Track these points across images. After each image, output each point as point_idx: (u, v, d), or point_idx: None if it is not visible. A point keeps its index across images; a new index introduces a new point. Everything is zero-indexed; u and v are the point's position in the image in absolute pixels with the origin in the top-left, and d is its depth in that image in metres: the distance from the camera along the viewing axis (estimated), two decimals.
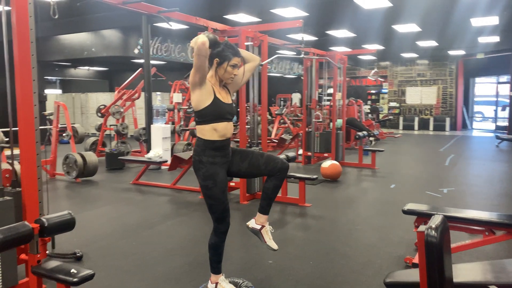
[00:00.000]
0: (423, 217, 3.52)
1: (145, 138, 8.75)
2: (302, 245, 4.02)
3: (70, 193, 6.37)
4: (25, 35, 2.94)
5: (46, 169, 7.42)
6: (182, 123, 9.60)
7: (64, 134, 7.56)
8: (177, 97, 9.64)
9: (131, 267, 3.47)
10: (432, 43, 14.45)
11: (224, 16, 9.21)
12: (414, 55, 17.85)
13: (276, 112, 12.82)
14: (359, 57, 18.91)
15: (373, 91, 21.54)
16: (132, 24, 9.49)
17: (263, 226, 2.85)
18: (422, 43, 14.43)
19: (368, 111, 16.53)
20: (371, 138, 11.58)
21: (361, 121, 13.24)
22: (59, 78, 17.26)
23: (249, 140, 6.07)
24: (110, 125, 8.98)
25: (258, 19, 9.55)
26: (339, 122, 9.95)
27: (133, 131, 9.55)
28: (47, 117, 13.12)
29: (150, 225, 4.62)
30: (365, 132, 9.13)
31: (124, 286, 3.11)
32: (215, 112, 2.59)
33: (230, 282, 2.87)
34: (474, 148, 12.56)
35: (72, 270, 2.37)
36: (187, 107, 9.66)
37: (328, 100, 9.86)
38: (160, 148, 8.04)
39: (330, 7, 9.39)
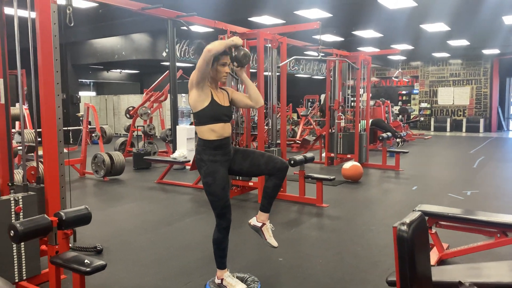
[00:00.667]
0: (434, 218, 3.51)
1: (170, 139, 9.00)
2: (314, 244, 4.07)
3: (97, 191, 6.65)
4: (48, 41, 3.14)
5: (77, 168, 7.79)
6: None
7: (93, 135, 7.89)
8: None
9: (147, 261, 3.63)
10: (464, 42, 14.07)
11: (248, 19, 9.35)
12: (446, 54, 17.41)
13: (301, 113, 12.85)
14: (388, 57, 18.62)
15: (404, 92, 21.17)
16: (160, 27, 9.77)
17: (263, 224, 2.95)
18: (453, 42, 14.08)
19: (397, 112, 16.26)
20: (397, 140, 11.41)
21: (389, 122, 13.08)
22: (93, 80, 17.93)
23: (269, 141, 6.16)
24: (137, 126, 9.28)
25: (282, 21, 9.62)
26: (364, 123, 9.91)
27: (160, 132, 9.82)
28: (81, 118, 13.66)
29: (169, 222, 4.79)
30: (389, 134, 9.02)
31: (139, 279, 3.26)
32: (212, 114, 2.71)
33: (236, 277, 2.97)
34: (507, 150, 12.14)
35: (86, 261, 2.54)
36: None
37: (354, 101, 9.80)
38: (184, 149, 8.26)
39: (354, 8, 9.35)
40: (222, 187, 2.76)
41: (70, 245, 3.78)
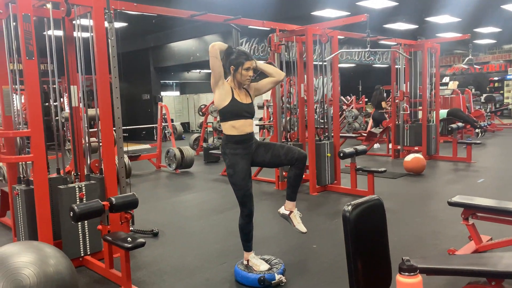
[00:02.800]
0: (470, 209, 3.44)
1: None
2: None
3: (168, 182, 7.32)
4: (103, 52, 3.65)
5: (153, 161, 8.60)
6: (271, 119, 10.11)
7: (165, 132, 8.63)
8: (266, 94, 10.20)
9: (193, 244, 4.05)
10: None
11: (311, 13, 9.46)
12: None
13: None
14: (476, 42, 17.31)
15: (496, 78, 19.54)
16: (229, 28, 10.27)
17: (291, 212, 3.18)
18: None
19: (484, 100, 15.11)
20: (477, 130, 10.70)
21: (470, 111, 12.28)
22: (176, 81, 19.20)
23: (324, 134, 6.26)
24: (207, 123, 9.90)
25: (346, 13, 9.57)
26: (443, 113, 9.49)
27: None
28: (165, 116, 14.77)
29: (222, 210, 5.20)
30: (460, 124, 8.55)
31: (182, 258, 3.68)
32: (233, 111, 2.99)
33: (260, 259, 3.24)
34: None
35: (128, 239, 2.99)
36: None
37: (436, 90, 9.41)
38: None
39: None
40: (242, 178, 3.03)
41: (131, 228, 4.35)
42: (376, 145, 10.00)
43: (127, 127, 14.62)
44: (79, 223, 3.48)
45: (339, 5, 9.02)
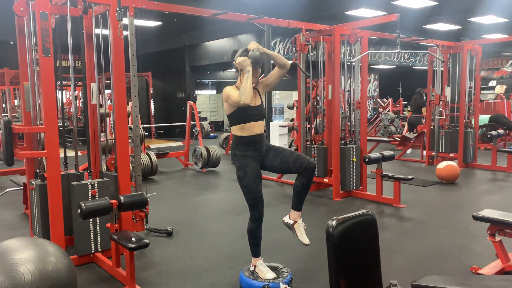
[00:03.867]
0: (497, 225, 3.19)
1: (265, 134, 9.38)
2: None
3: (192, 181, 7.34)
4: (120, 51, 3.66)
5: (181, 159, 8.66)
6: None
7: (193, 130, 8.66)
8: (295, 95, 10.04)
9: (205, 245, 4.00)
10: None
11: (345, 13, 9.21)
12: None
13: (409, 109, 12.12)
14: None
15: None
16: (263, 27, 10.19)
17: (295, 222, 3.06)
18: None
19: None
20: None
21: None
22: (211, 80, 19.32)
23: (351, 138, 6.06)
24: None
25: (383, 12, 9.25)
26: (484, 118, 8.99)
27: None
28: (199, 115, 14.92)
29: (240, 211, 5.11)
30: (501, 131, 8.05)
31: (191, 260, 3.64)
32: (241, 116, 2.89)
33: (268, 266, 3.13)
34: None
35: (133, 239, 2.97)
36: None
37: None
38: (277, 144, 8.55)
39: None
40: (252, 180, 2.94)
41: (146, 226, 4.36)
42: (408, 150, 9.62)
43: (162, 125, 14.95)
44: (91, 220, 3.50)
45: (374, 5, 8.73)
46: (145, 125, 14.35)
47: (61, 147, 3.39)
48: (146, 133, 8.34)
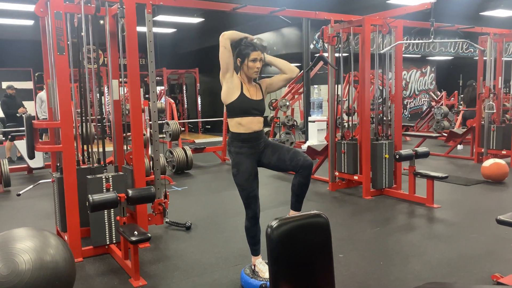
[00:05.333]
0: None
1: (303, 130, 9.21)
2: (389, 244, 3.78)
3: (226, 176, 7.37)
4: (134, 49, 3.73)
5: (218, 154, 8.74)
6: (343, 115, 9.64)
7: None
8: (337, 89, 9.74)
9: (219, 240, 3.99)
10: None
11: (387, 1, 8.77)
12: None
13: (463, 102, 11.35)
14: None
15: None
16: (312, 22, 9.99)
17: None
18: None
19: None
20: None
21: None
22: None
23: (382, 134, 5.78)
24: (272, 117, 9.78)
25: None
26: None
27: (299, 123, 10.13)
28: None
29: (263, 208, 4.99)
30: None
31: (201, 254, 3.64)
32: (240, 107, 2.81)
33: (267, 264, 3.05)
34: None
35: (135, 232, 3.02)
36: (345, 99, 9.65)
37: None
38: (315, 139, 8.37)
39: None
40: (245, 178, 2.87)
41: (167, 220, 4.44)
42: (459, 147, 9.03)
43: (209, 119, 15.19)
44: (105, 212, 3.62)
45: None
46: (192, 120, 14.73)
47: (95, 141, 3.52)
48: (183, 128, 8.49)
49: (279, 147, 2.92)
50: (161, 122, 10.50)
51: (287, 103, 9.75)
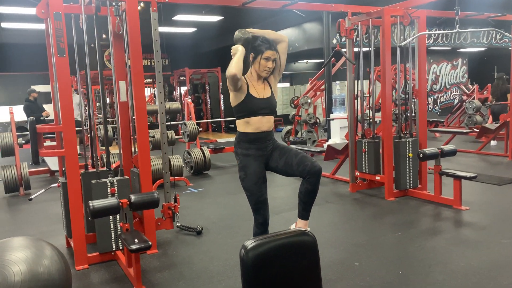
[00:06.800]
0: None
1: (325, 127, 8.93)
2: (411, 251, 3.50)
3: None
4: (138, 49, 3.60)
5: None
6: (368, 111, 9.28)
7: None
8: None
9: (229, 246, 3.83)
10: None
11: None
12: None
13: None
14: None
15: None
16: (329, 14, 9.65)
17: None
18: None
19: None
20: None
21: None
22: (283, 72, 19.07)
23: (406, 131, 5.47)
24: (294, 115, 9.53)
25: None
26: None
27: (322, 121, 9.84)
28: None
29: (279, 211, 4.86)
30: None
31: (209, 261, 3.48)
32: (247, 109, 2.66)
33: None
34: None
35: (135, 240, 2.89)
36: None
37: None
38: (337, 137, 8.09)
39: None
40: (254, 182, 2.70)
41: (177, 224, 4.31)
42: (492, 142, 8.53)
43: (232, 119, 15.05)
44: (111, 218, 3.51)
45: None
46: (215, 119, 14.64)
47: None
48: (201, 129, 8.37)
49: (287, 150, 2.73)
50: (179, 122, 10.45)
51: (309, 100, 9.49)
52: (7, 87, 13.71)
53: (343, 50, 5.20)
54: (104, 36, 3.60)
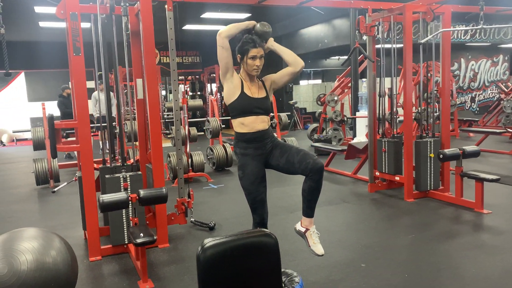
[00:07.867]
0: None
1: (351, 126, 8.79)
2: (421, 253, 3.41)
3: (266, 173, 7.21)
4: (151, 46, 3.68)
5: None
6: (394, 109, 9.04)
7: (271, 122, 8.52)
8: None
9: None
10: None
11: None
12: None
13: None
14: None
15: None
16: (359, 10, 9.49)
17: (307, 229, 2.74)
18: None
19: None
20: None
21: None
22: (313, 69, 18.90)
23: (426, 132, 5.30)
24: (320, 113, 9.43)
25: None
26: None
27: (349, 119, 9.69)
28: (294, 105, 14.75)
29: (294, 209, 4.85)
30: None
31: None
32: (241, 107, 2.65)
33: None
34: None
35: (141, 234, 2.97)
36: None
37: None
38: (363, 136, 7.95)
39: None
40: (251, 181, 2.70)
41: (192, 219, 4.39)
42: None
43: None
44: (123, 211, 3.62)
45: None
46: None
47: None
48: (223, 125, 8.46)
49: (288, 148, 2.72)
50: (202, 119, 10.59)
51: (335, 98, 9.37)
52: (46, 83, 14.29)
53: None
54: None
